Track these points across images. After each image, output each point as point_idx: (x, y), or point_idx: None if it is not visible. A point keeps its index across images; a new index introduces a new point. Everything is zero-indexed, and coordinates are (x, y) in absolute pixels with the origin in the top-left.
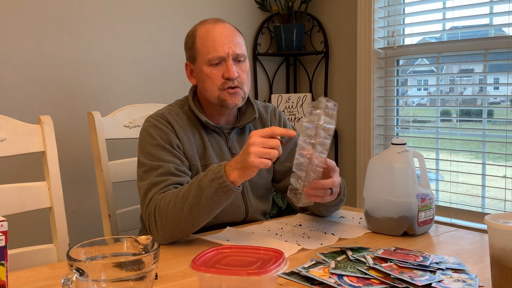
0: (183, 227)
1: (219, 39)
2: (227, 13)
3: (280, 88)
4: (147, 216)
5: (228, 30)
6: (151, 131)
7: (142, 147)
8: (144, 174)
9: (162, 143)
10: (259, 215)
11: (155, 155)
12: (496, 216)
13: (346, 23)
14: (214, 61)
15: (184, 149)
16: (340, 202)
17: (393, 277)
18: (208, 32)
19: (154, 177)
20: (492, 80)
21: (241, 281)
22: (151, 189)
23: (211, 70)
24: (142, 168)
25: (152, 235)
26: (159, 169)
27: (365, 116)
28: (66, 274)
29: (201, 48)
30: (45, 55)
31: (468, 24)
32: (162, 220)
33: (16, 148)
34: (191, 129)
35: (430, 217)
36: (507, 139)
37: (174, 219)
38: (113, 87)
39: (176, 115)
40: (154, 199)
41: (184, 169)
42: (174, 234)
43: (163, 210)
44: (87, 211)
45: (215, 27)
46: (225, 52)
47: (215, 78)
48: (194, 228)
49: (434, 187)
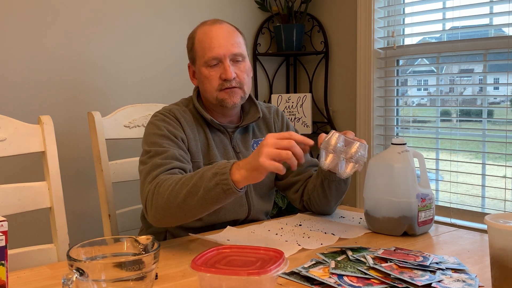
0: (175, 213)
1: (216, 40)
2: (227, 13)
3: (280, 88)
4: (145, 193)
5: (226, 30)
6: (158, 123)
7: (148, 137)
8: (148, 159)
9: (168, 134)
10: (261, 214)
11: (160, 143)
12: (496, 216)
13: (346, 23)
14: (211, 62)
15: (189, 145)
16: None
17: (393, 277)
18: (206, 34)
19: (158, 159)
20: (492, 80)
21: (241, 281)
22: (154, 169)
23: (209, 72)
24: (146, 155)
25: (146, 214)
26: (163, 154)
27: (365, 116)
28: (66, 274)
29: (199, 49)
30: (45, 55)
31: (468, 24)
32: (158, 200)
33: (16, 148)
34: (197, 127)
35: (430, 217)
36: (507, 139)
37: (169, 202)
38: (113, 87)
39: (183, 112)
40: (158, 178)
41: (187, 158)
42: (166, 217)
43: (162, 191)
44: (87, 211)
45: (212, 29)
46: (221, 53)
47: (213, 79)
48: (186, 217)
49: (434, 187)
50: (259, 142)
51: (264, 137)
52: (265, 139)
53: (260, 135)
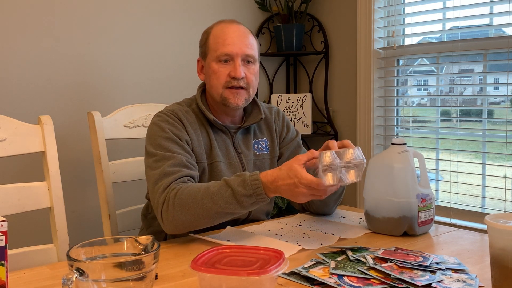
0: (202, 223)
1: (231, 37)
2: (227, 13)
3: (280, 88)
4: (161, 202)
5: (242, 31)
6: (162, 125)
7: (152, 139)
8: (155, 164)
9: (173, 137)
10: (261, 214)
11: (166, 146)
12: (496, 216)
13: (346, 23)
14: (222, 58)
15: (193, 146)
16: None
17: (393, 277)
18: (222, 30)
19: (167, 167)
20: (492, 80)
21: (241, 281)
22: (164, 178)
23: (218, 67)
24: (153, 158)
25: (163, 224)
26: (170, 159)
27: (365, 116)
28: (66, 274)
29: (212, 44)
30: (45, 55)
31: (468, 24)
32: (182, 210)
33: (16, 148)
34: (199, 127)
35: (430, 217)
36: (507, 139)
37: (197, 214)
38: (113, 87)
39: (186, 112)
40: (172, 188)
41: (194, 163)
42: (188, 226)
43: (185, 203)
44: (87, 211)
45: (229, 26)
46: (234, 51)
47: (221, 75)
48: (210, 224)
49: (434, 187)
50: (260, 142)
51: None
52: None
53: (261, 136)
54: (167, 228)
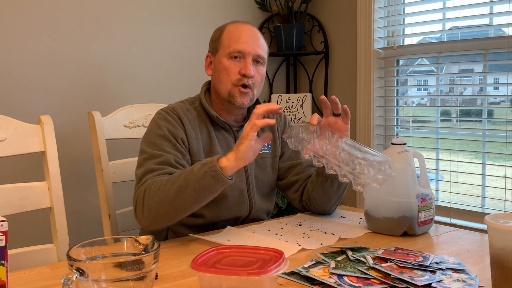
0: (167, 210)
1: (245, 36)
2: (227, 13)
3: (280, 88)
4: (135, 198)
5: (255, 32)
6: (160, 122)
7: (147, 136)
8: (144, 161)
9: (167, 135)
10: (262, 213)
11: (158, 144)
12: (496, 216)
13: (346, 23)
14: (234, 54)
15: (190, 145)
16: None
17: (393, 277)
18: (237, 28)
19: (152, 164)
20: (492, 80)
21: (241, 281)
22: (147, 174)
23: (229, 63)
24: (143, 156)
25: (137, 218)
26: (159, 158)
27: (365, 116)
28: (66, 274)
29: (225, 40)
30: (45, 55)
31: (468, 24)
32: (149, 201)
33: (16, 148)
34: (200, 125)
35: (430, 217)
36: (507, 139)
37: (160, 200)
38: (113, 87)
39: (186, 110)
40: (147, 182)
41: (183, 162)
42: (158, 217)
43: (152, 191)
44: (87, 211)
45: (244, 26)
46: (247, 49)
47: (232, 72)
48: (178, 213)
49: (434, 187)
50: None
51: None
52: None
53: None
54: (141, 221)
